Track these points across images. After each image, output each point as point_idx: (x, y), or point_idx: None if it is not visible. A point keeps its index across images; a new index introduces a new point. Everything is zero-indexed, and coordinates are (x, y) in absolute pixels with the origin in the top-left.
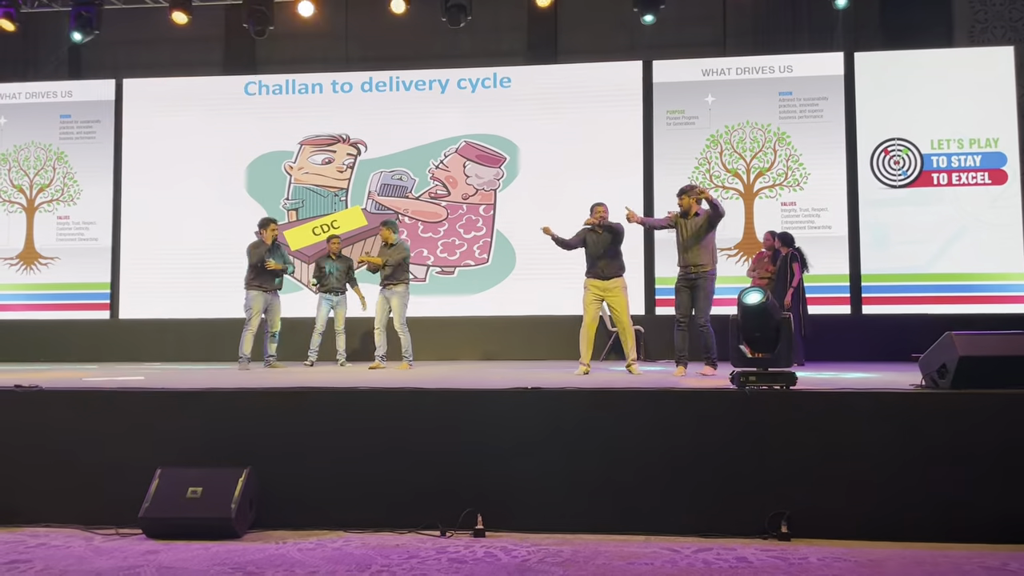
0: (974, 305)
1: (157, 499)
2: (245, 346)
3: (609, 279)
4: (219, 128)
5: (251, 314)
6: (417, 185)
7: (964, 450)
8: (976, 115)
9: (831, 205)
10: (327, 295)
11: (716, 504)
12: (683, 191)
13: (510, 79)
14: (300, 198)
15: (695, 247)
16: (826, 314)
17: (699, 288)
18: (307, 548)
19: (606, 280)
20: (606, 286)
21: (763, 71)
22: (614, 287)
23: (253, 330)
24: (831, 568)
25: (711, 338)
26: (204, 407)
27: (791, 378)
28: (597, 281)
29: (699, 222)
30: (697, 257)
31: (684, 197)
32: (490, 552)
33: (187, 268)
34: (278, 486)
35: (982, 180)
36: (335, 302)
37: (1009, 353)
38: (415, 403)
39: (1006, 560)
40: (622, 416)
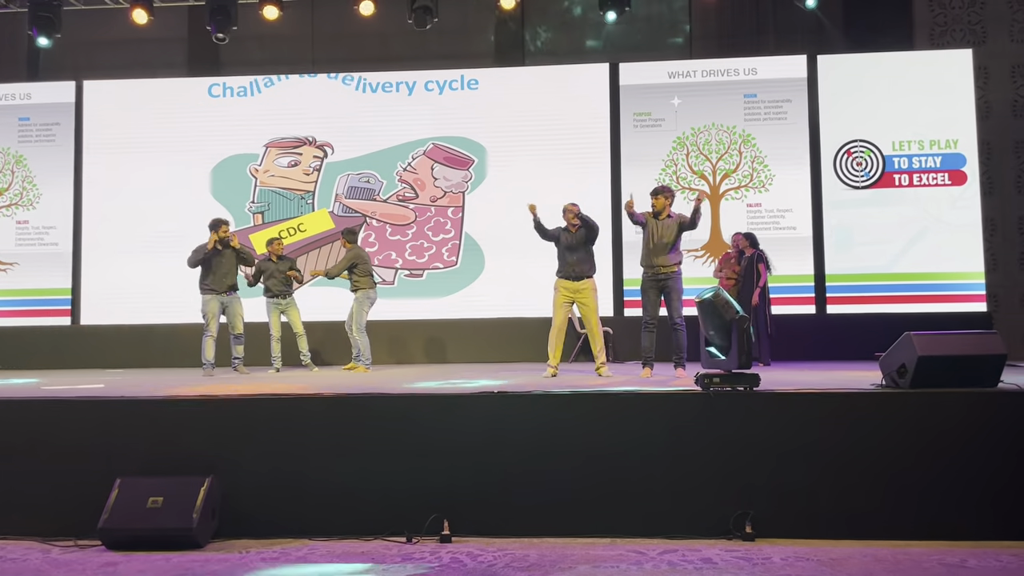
0: (935, 304)
1: (116, 510)
2: (207, 352)
3: (580, 279)
4: (183, 131)
5: (208, 319)
6: (385, 188)
7: (924, 449)
8: (936, 117)
9: (795, 206)
10: (274, 299)
11: (681, 505)
12: (657, 191)
13: (478, 81)
14: (266, 201)
15: (665, 249)
16: (791, 314)
17: (671, 289)
18: (270, 557)
19: (577, 281)
20: (577, 287)
21: (728, 73)
22: (584, 288)
23: (213, 334)
24: (794, 567)
25: (683, 337)
26: (165, 416)
27: (755, 380)
28: (568, 282)
29: (670, 225)
30: (667, 259)
31: (659, 197)
32: (456, 558)
33: (151, 273)
34: (241, 495)
35: (942, 181)
36: (284, 305)
37: (967, 352)
38: (380, 408)
39: (965, 557)
40: (588, 419)
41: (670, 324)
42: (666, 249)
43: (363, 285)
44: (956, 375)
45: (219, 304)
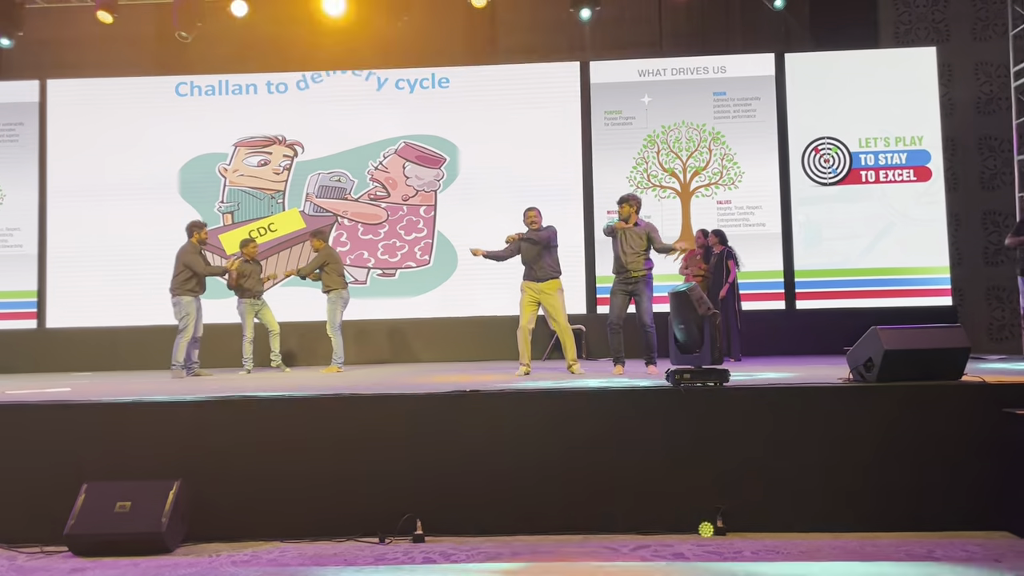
0: (902, 299)
1: (83, 515)
2: (179, 353)
3: (543, 281)
4: (150, 130)
5: (188, 321)
6: (356, 187)
7: (890, 441)
8: (901, 114)
9: (765, 203)
10: (251, 299)
11: (653, 501)
12: (622, 199)
13: (448, 79)
14: (235, 201)
15: (635, 255)
16: (762, 310)
17: (640, 292)
18: (241, 560)
19: (540, 282)
20: (541, 288)
21: (698, 72)
22: (549, 289)
23: (189, 337)
24: (763, 560)
25: (654, 338)
26: (132, 419)
27: (724, 375)
28: (532, 283)
29: (640, 234)
30: (637, 264)
31: (624, 206)
32: (429, 557)
33: (118, 275)
34: (211, 498)
35: (908, 177)
36: (259, 306)
37: (932, 346)
38: (351, 408)
39: (932, 547)
40: (560, 416)
41: (639, 326)
42: (638, 257)
43: (335, 285)
44: (921, 368)
45: (197, 306)
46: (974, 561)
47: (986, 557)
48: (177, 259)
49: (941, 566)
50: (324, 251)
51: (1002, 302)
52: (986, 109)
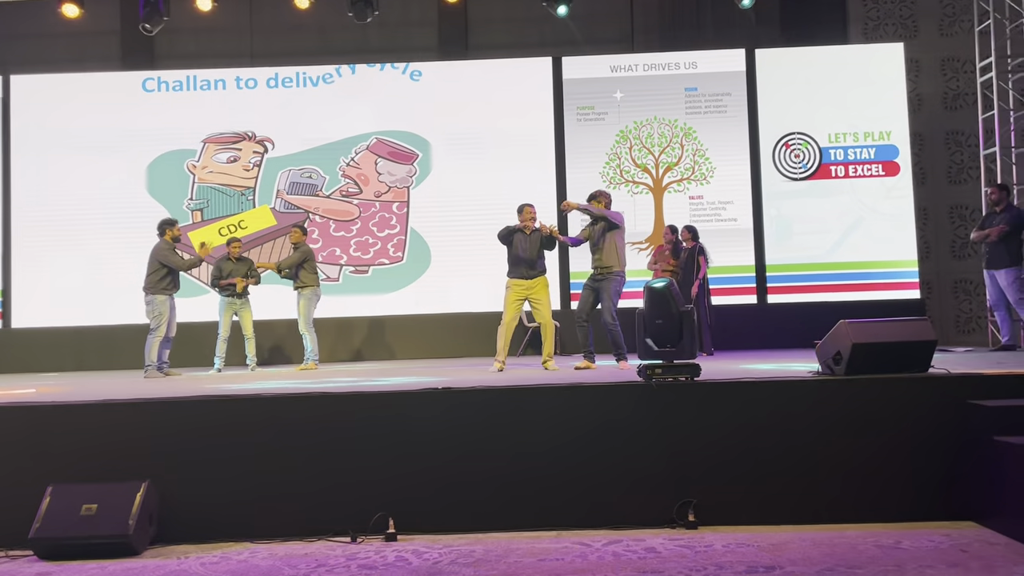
0: (871, 292)
1: (48, 518)
2: (152, 353)
3: (535, 277)
4: (116, 126)
5: (160, 320)
6: (328, 183)
7: (859, 434)
8: (870, 109)
9: (736, 198)
10: (228, 299)
11: (626, 496)
12: (591, 196)
13: (420, 74)
14: (205, 198)
15: (601, 249)
16: (733, 304)
17: (602, 289)
18: (210, 562)
19: (532, 279)
20: (531, 284)
21: (669, 67)
22: (541, 284)
23: (161, 336)
24: (735, 553)
25: (619, 335)
26: (98, 420)
27: (695, 370)
28: (522, 280)
29: (604, 225)
30: (602, 260)
31: (592, 202)
32: (401, 556)
33: (84, 273)
34: (180, 499)
35: (876, 172)
36: (238, 305)
37: (899, 339)
38: (322, 407)
39: (899, 538)
40: (532, 413)
41: (602, 323)
42: (602, 246)
43: (310, 282)
44: (889, 361)
45: (171, 306)
46: (940, 551)
47: (952, 547)
48: (151, 258)
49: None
50: (305, 247)
51: (969, 295)
52: (953, 104)
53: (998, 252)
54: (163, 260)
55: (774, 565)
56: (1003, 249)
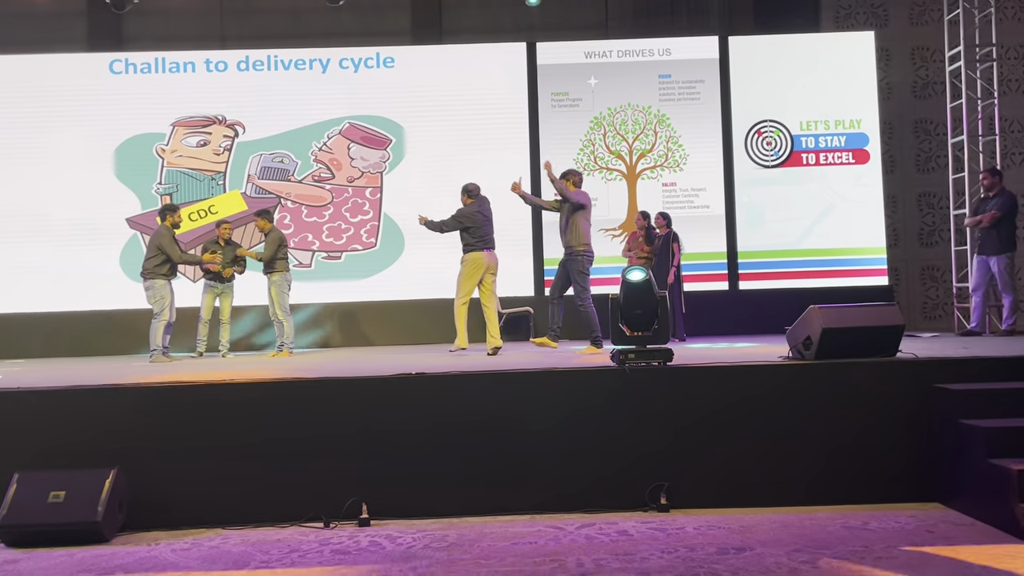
0: (841, 279)
1: (15, 506)
2: (157, 338)
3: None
4: (83, 109)
5: (163, 305)
6: (299, 168)
7: (828, 418)
8: (841, 98)
9: (709, 185)
10: (212, 283)
11: (599, 480)
12: (563, 174)
13: (394, 59)
14: (174, 182)
15: (566, 229)
16: (706, 291)
17: (571, 270)
18: (181, 548)
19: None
20: (493, 264)
21: (643, 54)
22: (496, 261)
23: (165, 320)
24: (706, 536)
25: (592, 318)
26: (66, 406)
27: (668, 355)
28: (488, 254)
29: (571, 206)
30: (567, 239)
31: (564, 180)
32: (375, 541)
33: (52, 258)
34: (150, 486)
35: (847, 160)
36: (221, 290)
37: (868, 324)
38: (295, 393)
39: (866, 519)
40: (506, 397)
41: (575, 305)
42: (567, 226)
43: (282, 268)
44: (858, 346)
45: (171, 290)
46: (906, 531)
47: (917, 527)
48: (151, 242)
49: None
50: (276, 232)
51: (936, 281)
52: (922, 93)
53: (990, 238)
54: (162, 246)
55: (744, 546)
56: (995, 235)
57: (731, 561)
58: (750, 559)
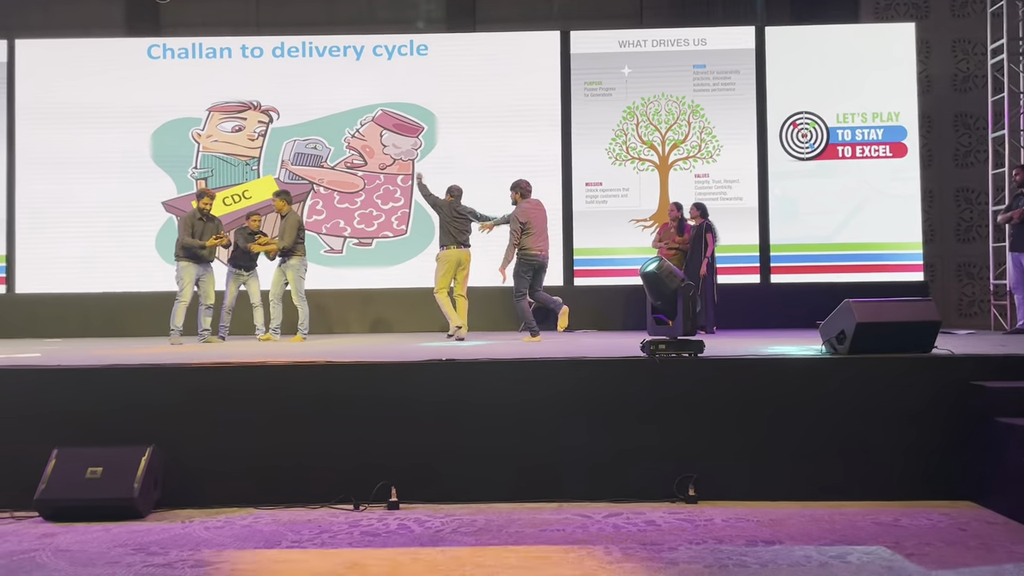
0: (875, 274)
1: (54, 480)
2: (177, 319)
3: (468, 247)
4: (121, 93)
5: (182, 285)
6: (332, 154)
7: (860, 413)
8: (879, 90)
9: (742, 177)
10: (236, 269)
11: (627, 470)
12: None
13: (427, 47)
14: (209, 167)
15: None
16: (737, 283)
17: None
18: (214, 526)
19: (466, 250)
20: (465, 255)
21: (678, 43)
22: (469, 255)
23: (185, 302)
24: (735, 528)
25: (521, 311)
26: (105, 384)
27: (699, 346)
28: (462, 249)
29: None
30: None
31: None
32: (404, 524)
33: (90, 240)
34: (185, 464)
35: (884, 153)
36: (245, 277)
37: (903, 319)
38: (326, 376)
39: (898, 516)
40: (535, 385)
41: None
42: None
43: (300, 252)
44: (892, 341)
45: (195, 272)
46: (938, 529)
47: (950, 526)
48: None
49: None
50: (294, 216)
51: (972, 278)
52: (963, 87)
53: (1021, 234)
54: (180, 228)
55: (774, 540)
56: None
57: (760, 554)
58: (779, 552)
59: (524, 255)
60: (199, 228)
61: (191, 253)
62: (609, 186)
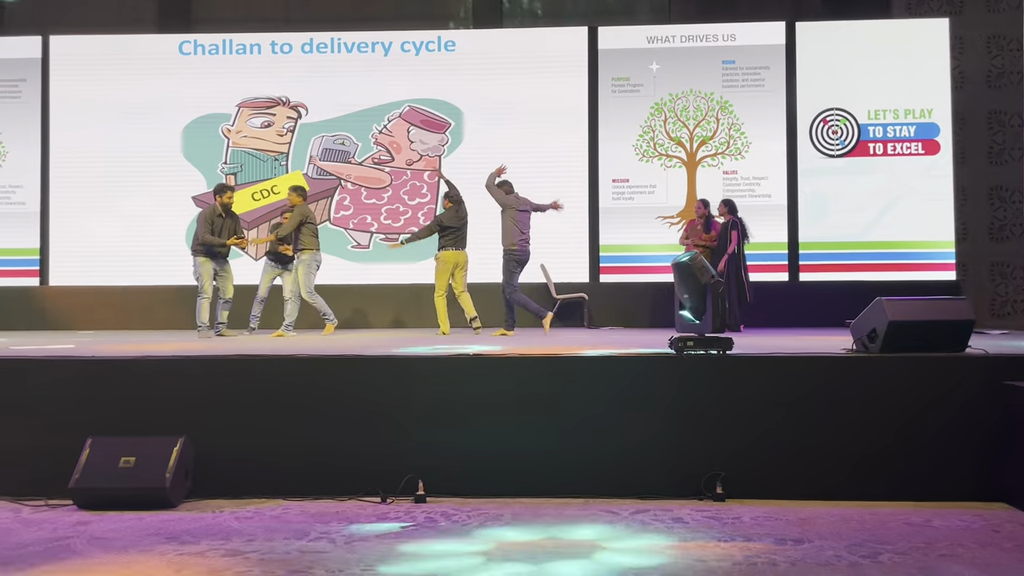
0: (906, 272)
1: (88, 469)
2: (202, 314)
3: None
4: (153, 89)
5: (202, 281)
6: (360, 150)
7: (891, 412)
8: (911, 86)
9: (771, 174)
10: (272, 262)
11: (654, 467)
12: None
13: (455, 43)
14: (238, 162)
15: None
16: (764, 281)
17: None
18: (244, 516)
19: (463, 251)
20: (462, 256)
21: (707, 39)
22: (466, 256)
23: (208, 296)
24: (763, 526)
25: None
26: (137, 375)
27: (728, 343)
28: (459, 252)
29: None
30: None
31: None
32: (431, 517)
33: (122, 233)
34: (215, 455)
35: (916, 150)
36: (281, 270)
37: (936, 318)
38: (356, 370)
39: (929, 517)
40: (562, 381)
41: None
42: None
43: (310, 246)
44: (925, 340)
45: (213, 267)
46: (971, 531)
47: (983, 527)
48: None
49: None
50: (302, 208)
51: (1006, 278)
52: (997, 83)
53: None
54: (199, 223)
55: (803, 538)
56: None
57: (789, 552)
58: (809, 551)
59: (509, 251)
60: (218, 224)
61: (208, 249)
62: (636, 183)
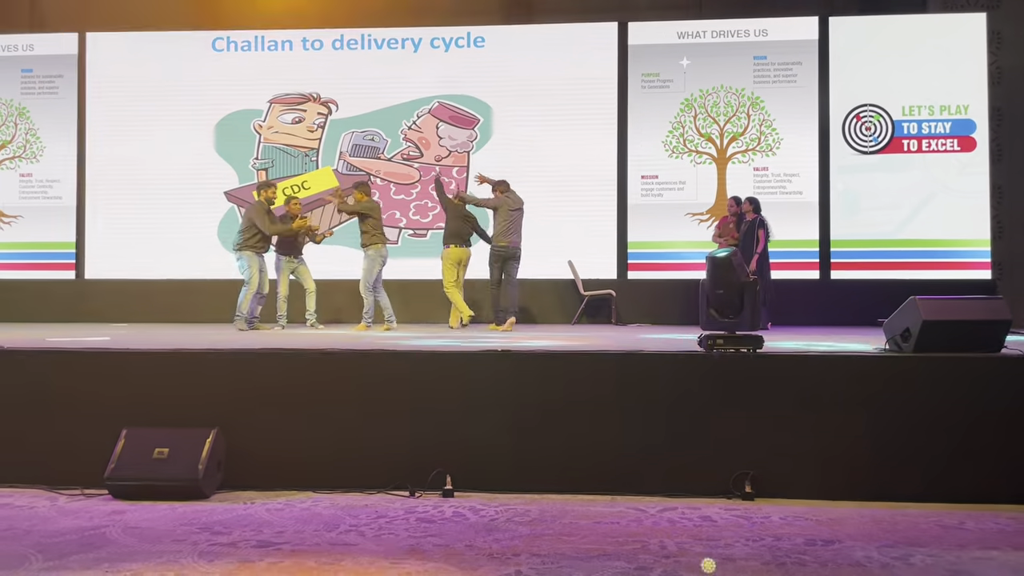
0: (940, 271)
1: (123, 460)
2: (244, 305)
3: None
4: (186, 85)
5: (250, 275)
6: (389, 146)
7: (924, 412)
8: (947, 82)
9: (803, 171)
10: (286, 256)
11: (682, 465)
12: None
13: (484, 39)
14: (270, 158)
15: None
16: (795, 279)
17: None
18: (275, 508)
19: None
20: (465, 254)
21: (738, 35)
22: (469, 253)
23: (254, 289)
24: (792, 526)
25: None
26: (171, 367)
27: (758, 342)
28: (465, 248)
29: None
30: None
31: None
32: (459, 512)
33: (155, 228)
34: (247, 447)
35: (951, 147)
36: (295, 264)
37: (970, 318)
38: (385, 364)
39: (962, 519)
40: (590, 378)
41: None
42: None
43: (370, 242)
44: (960, 340)
45: (260, 262)
46: (1005, 533)
47: (1017, 530)
48: (244, 217)
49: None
50: (368, 202)
51: None
52: None
53: None
54: (255, 219)
55: (833, 539)
56: None
57: (819, 553)
58: (839, 552)
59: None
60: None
61: (253, 244)
62: (665, 179)
